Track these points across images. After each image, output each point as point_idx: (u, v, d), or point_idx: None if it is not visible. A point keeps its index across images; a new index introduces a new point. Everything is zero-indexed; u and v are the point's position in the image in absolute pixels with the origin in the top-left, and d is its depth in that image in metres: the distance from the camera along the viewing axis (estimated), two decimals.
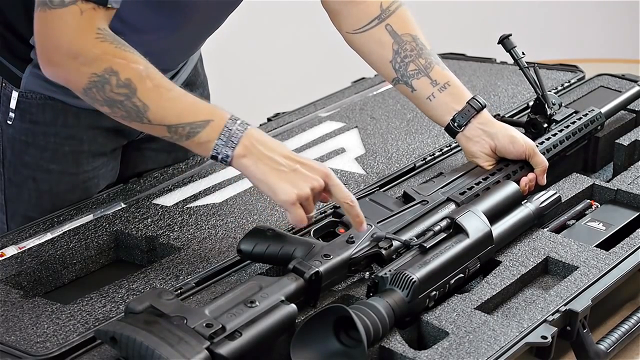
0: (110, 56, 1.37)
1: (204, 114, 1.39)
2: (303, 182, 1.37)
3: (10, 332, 1.34)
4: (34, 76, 1.66)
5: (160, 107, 1.38)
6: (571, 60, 2.44)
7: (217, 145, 1.38)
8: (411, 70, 1.66)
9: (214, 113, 1.39)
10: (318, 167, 1.40)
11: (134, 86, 1.37)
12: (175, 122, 1.38)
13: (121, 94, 1.37)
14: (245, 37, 3.70)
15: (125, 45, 1.39)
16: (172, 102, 1.39)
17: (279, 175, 1.37)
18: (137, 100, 1.37)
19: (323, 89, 2.21)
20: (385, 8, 1.67)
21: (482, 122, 1.65)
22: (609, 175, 1.87)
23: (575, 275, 1.44)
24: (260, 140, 1.39)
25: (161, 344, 1.17)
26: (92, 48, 1.37)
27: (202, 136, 1.38)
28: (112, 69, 1.37)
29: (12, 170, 1.72)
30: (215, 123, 1.38)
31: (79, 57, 1.37)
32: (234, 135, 1.38)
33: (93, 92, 1.38)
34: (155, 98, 1.38)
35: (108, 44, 1.37)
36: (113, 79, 1.37)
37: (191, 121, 1.38)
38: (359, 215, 1.41)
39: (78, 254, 1.56)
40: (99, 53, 1.37)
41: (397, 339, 1.31)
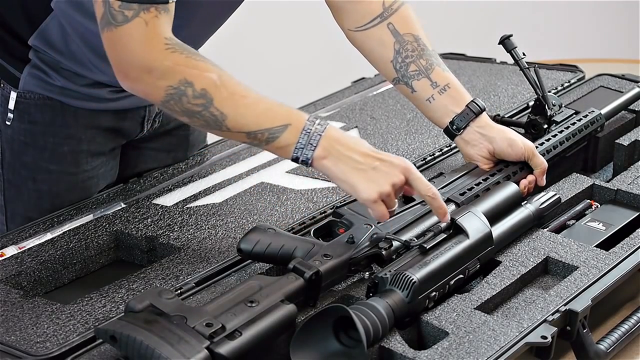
0: (182, 67, 1.36)
1: (281, 119, 1.39)
2: (383, 180, 1.39)
3: (10, 332, 1.34)
4: (32, 76, 1.66)
5: (237, 114, 1.38)
6: (571, 60, 2.44)
7: (296, 149, 1.39)
8: (412, 71, 1.66)
9: (291, 116, 1.40)
10: (398, 163, 1.40)
11: (210, 96, 1.37)
12: (254, 129, 1.39)
13: (198, 105, 1.37)
14: (246, 37, 3.70)
15: (194, 53, 1.39)
16: (249, 109, 1.39)
17: (359, 174, 1.39)
18: (215, 110, 1.37)
19: (323, 89, 2.21)
20: (387, 6, 1.67)
21: (481, 125, 1.65)
22: (609, 175, 1.86)
23: (575, 275, 1.44)
24: (339, 140, 1.40)
25: (161, 343, 1.17)
26: (163, 60, 1.36)
27: (281, 140, 1.39)
28: (187, 80, 1.36)
29: (11, 171, 1.72)
30: (293, 127, 1.39)
31: (153, 72, 1.37)
32: (312, 137, 1.39)
33: (171, 104, 1.38)
34: (232, 106, 1.38)
35: (178, 55, 1.37)
36: (189, 90, 1.37)
37: (269, 127, 1.38)
38: (441, 207, 1.43)
39: (78, 254, 1.56)
40: (171, 65, 1.36)
41: (397, 339, 1.31)
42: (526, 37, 2.32)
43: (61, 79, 1.66)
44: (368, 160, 1.40)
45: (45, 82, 1.66)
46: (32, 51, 1.65)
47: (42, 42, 1.63)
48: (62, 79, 1.66)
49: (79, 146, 1.72)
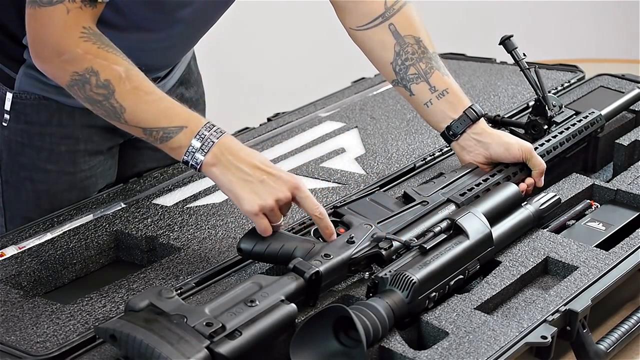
0: (91, 56, 1.40)
1: (178, 120, 1.41)
2: (267, 194, 1.39)
3: (10, 332, 1.34)
4: (28, 77, 1.66)
5: (136, 109, 1.41)
6: (571, 60, 2.44)
7: (187, 152, 1.41)
8: (411, 74, 1.66)
9: (189, 120, 1.42)
10: (287, 179, 1.41)
11: (113, 87, 1.40)
12: (150, 126, 1.41)
13: (100, 94, 1.41)
14: (246, 37, 3.71)
15: (109, 46, 1.42)
16: (149, 106, 1.42)
17: (244, 186, 1.40)
18: (115, 102, 1.41)
19: (323, 89, 2.21)
20: (389, 6, 1.67)
21: (477, 132, 1.65)
22: (608, 176, 1.87)
23: (575, 275, 1.44)
24: (232, 150, 1.41)
25: (161, 342, 1.17)
26: (75, 47, 1.41)
27: (174, 141, 1.41)
28: (93, 69, 1.40)
29: (8, 172, 1.72)
30: (189, 130, 1.41)
31: (63, 55, 1.41)
32: (205, 143, 1.40)
33: (75, 89, 1.43)
34: (132, 100, 1.41)
35: (91, 44, 1.41)
36: (93, 79, 1.40)
37: (165, 126, 1.41)
38: (328, 227, 1.43)
39: (78, 254, 1.56)
40: (82, 52, 1.40)
41: (397, 339, 1.31)
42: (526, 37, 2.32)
43: None
44: (256, 172, 1.40)
45: (41, 82, 1.66)
46: (27, 51, 1.65)
47: None
48: None
49: (76, 146, 1.72)
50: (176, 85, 1.84)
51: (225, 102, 3.06)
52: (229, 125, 2.18)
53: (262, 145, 1.90)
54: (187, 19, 1.62)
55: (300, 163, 1.82)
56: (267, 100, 3.12)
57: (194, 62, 1.90)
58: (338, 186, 1.73)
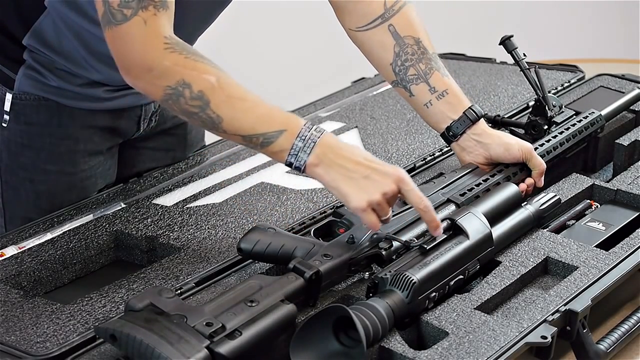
0: (181, 67, 1.37)
1: (277, 124, 1.39)
2: (374, 189, 1.38)
3: (10, 332, 1.34)
4: (27, 77, 1.66)
5: (233, 118, 1.39)
6: (571, 60, 2.44)
7: (290, 155, 1.39)
8: (410, 75, 1.66)
9: (287, 122, 1.40)
10: (391, 172, 1.39)
11: (207, 98, 1.37)
12: (249, 133, 1.39)
13: (195, 106, 1.38)
14: (246, 37, 3.71)
15: (195, 54, 1.39)
16: (245, 113, 1.39)
17: (349, 183, 1.38)
18: (211, 112, 1.38)
19: (323, 89, 2.21)
20: (389, 7, 1.67)
21: (477, 133, 1.65)
22: (608, 176, 1.86)
23: (575, 275, 1.44)
24: (333, 148, 1.39)
25: (161, 342, 1.17)
26: (162, 60, 1.37)
27: (275, 146, 1.39)
28: (185, 81, 1.37)
29: (8, 172, 1.72)
30: (288, 133, 1.39)
31: (152, 71, 1.37)
32: (306, 144, 1.38)
33: (169, 103, 1.39)
34: (228, 110, 1.38)
35: (177, 55, 1.37)
36: (187, 92, 1.37)
37: (265, 131, 1.39)
38: (433, 220, 1.41)
39: (78, 254, 1.56)
40: (170, 65, 1.37)
41: (396, 339, 1.31)
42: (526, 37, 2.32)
43: (56, 79, 1.66)
44: (360, 168, 1.39)
45: (41, 83, 1.66)
46: (26, 51, 1.65)
47: (36, 41, 1.63)
48: (57, 79, 1.66)
49: (76, 146, 1.72)
50: None
51: None
52: None
53: None
54: (186, 20, 1.61)
55: None
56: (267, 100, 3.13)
57: None
58: None
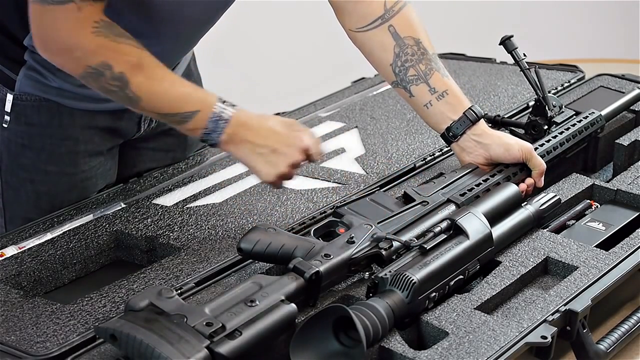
0: (104, 50, 1.44)
1: (191, 105, 1.48)
2: (282, 162, 1.49)
3: (10, 332, 1.34)
4: (28, 78, 1.66)
5: (151, 98, 1.47)
6: (571, 60, 2.44)
7: (204, 134, 1.48)
8: (410, 76, 1.66)
9: (202, 102, 1.48)
10: (296, 142, 1.49)
11: (126, 79, 1.44)
12: (165, 111, 1.48)
13: (114, 86, 1.45)
14: (246, 37, 3.71)
15: (121, 35, 1.45)
16: (162, 95, 1.48)
17: (258, 159, 1.49)
18: (130, 92, 1.45)
19: (323, 89, 2.21)
20: (389, 8, 1.67)
21: (477, 133, 1.65)
22: (609, 176, 1.86)
23: (575, 275, 1.44)
24: (245, 124, 1.49)
25: (161, 342, 1.17)
26: (88, 44, 1.43)
27: (190, 124, 1.48)
28: (107, 62, 1.44)
29: (9, 173, 1.71)
30: (203, 113, 1.47)
31: (75, 51, 1.44)
32: (218, 124, 1.47)
33: (88, 80, 1.47)
34: (146, 90, 1.46)
35: (103, 38, 1.43)
36: (107, 72, 1.44)
37: (180, 112, 1.47)
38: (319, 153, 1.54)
39: (78, 254, 1.56)
40: (95, 47, 1.43)
41: (396, 339, 1.31)
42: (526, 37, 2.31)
43: (57, 80, 1.66)
44: (268, 142, 1.49)
45: (41, 84, 1.66)
46: (27, 52, 1.65)
47: None
48: (58, 80, 1.66)
49: (77, 147, 1.72)
50: None
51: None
52: None
53: None
54: (187, 21, 1.61)
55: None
56: (267, 100, 3.13)
57: (193, 63, 1.90)
58: (338, 186, 1.73)
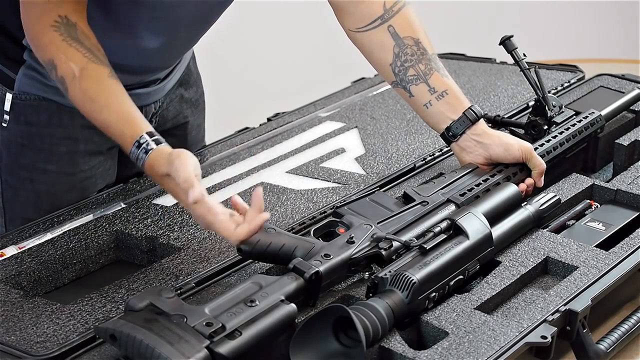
0: (54, 47, 1.45)
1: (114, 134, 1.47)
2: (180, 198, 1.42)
3: (10, 332, 1.34)
4: (28, 77, 1.66)
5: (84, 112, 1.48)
6: (571, 60, 2.44)
7: None
8: (410, 76, 1.66)
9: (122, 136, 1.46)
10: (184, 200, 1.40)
11: (65, 85, 1.46)
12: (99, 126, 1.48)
13: (61, 87, 1.47)
14: (246, 37, 3.71)
15: (75, 39, 1.45)
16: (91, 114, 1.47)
17: None
18: (69, 99, 1.47)
19: (323, 89, 2.21)
20: (388, 8, 1.67)
21: (477, 133, 1.65)
22: (608, 176, 1.86)
23: (575, 275, 1.44)
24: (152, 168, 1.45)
25: (161, 342, 1.17)
26: (42, 36, 1.46)
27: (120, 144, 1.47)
28: (53, 62, 1.46)
29: (8, 172, 1.72)
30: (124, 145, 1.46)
31: (34, 41, 1.48)
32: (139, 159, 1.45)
33: None
34: (80, 104, 1.48)
35: (57, 35, 1.44)
36: (53, 72, 1.46)
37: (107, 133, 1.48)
38: None
39: (78, 254, 1.56)
40: (47, 42, 1.45)
41: (396, 339, 1.31)
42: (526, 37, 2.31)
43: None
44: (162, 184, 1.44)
45: (41, 83, 1.66)
46: (26, 52, 1.65)
47: None
48: None
49: (76, 146, 1.72)
50: (176, 86, 1.84)
51: (225, 102, 3.06)
52: (229, 125, 2.18)
53: (262, 145, 1.90)
54: (184, 21, 1.61)
55: (300, 163, 1.82)
56: (267, 100, 3.12)
57: (193, 62, 1.90)
58: (338, 186, 1.73)
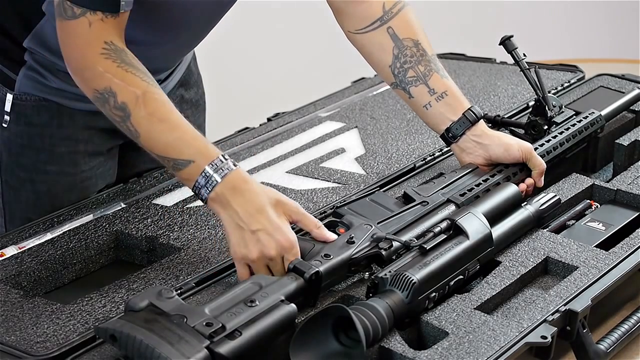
0: (110, 75, 1.40)
1: (187, 153, 1.40)
2: (253, 246, 1.37)
3: (10, 332, 1.34)
4: (28, 78, 1.66)
5: (149, 137, 1.42)
6: (571, 60, 2.44)
7: (195, 187, 1.40)
8: (410, 77, 1.66)
9: (197, 154, 1.40)
10: (278, 238, 1.36)
11: (129, 111, 1.40)
12: (161, 154, 1.42)
13: (118, 115, 1.41)
14: (246, 37, 3.71)
15: (130, 64, 1.41)
16: (160, 135, 1.41)
17: (236, 231, 1.38)
18: (130, 125, 1.41)
19: (323, 89, 2.21)
20: (388, 9, 1.67)
21: (477, 134, 1.64)
22: (608, 176, 1.86)
23: (575, 275, 1.44)
24: (235, 188, 1.39)
25: (161, 342, 1.17)
26: (96, 64, 1.41)
27: (183, 173, 1.41)
28: (111, 89, 1.40)
29: (9, 173, 1.72)
30: (196, 165, 1.39)
31: (85, 72, 1.42)
32: (209, 182, 1.39)
33: (97, 104, 1.44)
34: (145, 127, 1.41)
35: (111, 62, 1.40)
36: (111, 100, 1.41)
37: (175, 157, 1.41)
38: None
39: (78, 254, 1.56)
40: (101, 71, 1.40)
41: (396, 339, 1.31)
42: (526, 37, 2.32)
43: (57, 81, 1.66)
44: (251, 221, 1.37)
45: (41, 84, 1.66)
46: (27, 53, 1.65)
47: (37, 44, 1.63)
48: (58, 81, 1.66)
49: (77, 147, 1.72)
50: (176, 86, 1.84)
51: (225, 102, 3.06)
52: (229, 125, 2.18)
53: (262, 145, 1.90)
54: (190, 21, 1.61)
55: (300, 163, 1.82)
56: (267, 100, 3.12)
57: (194, 63, 1.90)
58: (338, 186, 1.73)
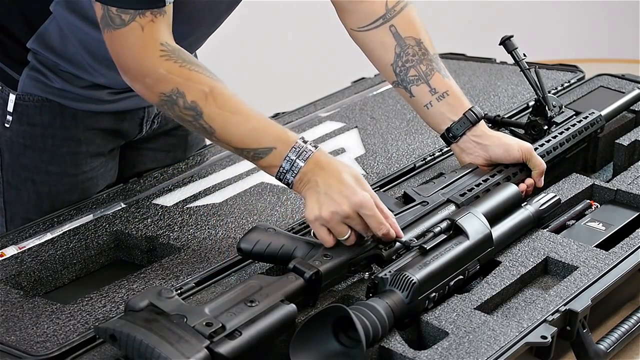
0: (175, 76, 1.39)
1: (267, 141, 1.40)
2: (327, 206, 1.37)
3: (10, 332, 1.34)
4: (31, 79, 1.66)
5: (224, 132, 1.41)
6: (571, 60, 2.44)
7: (279, 172, 1.41)
8: (411, 76, 1.66)
9: (278, 139, 1.40)
10: (351, 196, 1.37)
11: (200, 109, 1.39)
12: (239, 146, 1.41)
13: (189, 115, 1.40)
14: (246, 37, 3.71)
15: (190, 62, 1.40)
16: (236, 127, 1.40)
17: (312, 195, 1.39)
18: (204, 122, 1.40)
19: (323, 89, 2.21)
20: (390, 8, 1.67)
21: (477, 134, 1.64)
22: (608, 176, 1.86)
23: (575, 275, 1.44)
24: (319, 164, 1.39)
25: (161, 342, 1.17)
26: (158, 67, 1.39)
27: (265, 161, 1.41)
28: (179, 89, 1.39)
29: (10, 173, 1.72)
30: (278, 152, 1.40)
31: (147, 77, 1.40)
32: (294, 165, 1.39)
33: (165, 109, 1.42)
34: (220, 122, 1.40)
35: (172, 63, 1.39)
36: (180, 101, 1.39)
37: (255, 147, 1.40)
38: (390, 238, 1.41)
39: (78, 254, 1.56)
40: (165, 72, 1.39)
41: (396, 339, 1.31)
42: (526, 37, 2.32)
43: (60, 81, 1.66)
44: (329, 184, 1.38)
45: (44, 84, 1.66)
46: (30, 54, 1.65)
47: (40, 45, 1.63)
48: (60, 81, 1.66)
49: (78, 147, 1.72)
50: None
51: None
52: None
53: None
54: (192, 23, 1.61)
55: None
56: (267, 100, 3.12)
57: None
58: None
